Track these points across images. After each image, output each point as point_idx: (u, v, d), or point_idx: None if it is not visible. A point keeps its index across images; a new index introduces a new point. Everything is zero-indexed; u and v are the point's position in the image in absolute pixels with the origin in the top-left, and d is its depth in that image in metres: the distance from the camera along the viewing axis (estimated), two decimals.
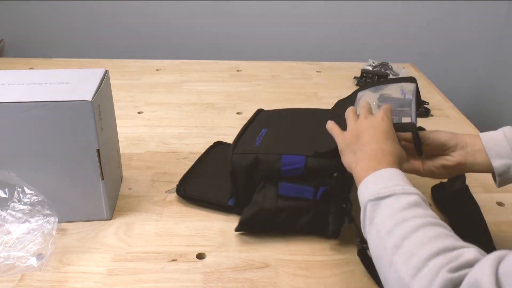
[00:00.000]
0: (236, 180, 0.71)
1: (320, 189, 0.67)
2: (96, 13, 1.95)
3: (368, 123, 0.62)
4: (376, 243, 0.49)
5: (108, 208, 0.72)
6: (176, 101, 1.18)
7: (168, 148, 0.95)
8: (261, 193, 0.69)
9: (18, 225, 0.63)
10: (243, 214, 0.70)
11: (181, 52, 2.00)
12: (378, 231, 0.49)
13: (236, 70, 1.41)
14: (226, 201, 0.74)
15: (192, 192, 0.78)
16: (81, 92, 0.65)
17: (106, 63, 1.43)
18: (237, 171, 0.70)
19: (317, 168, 0.67)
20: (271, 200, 0.68)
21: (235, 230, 0.70)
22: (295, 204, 0.68)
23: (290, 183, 0.68)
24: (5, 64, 1.42)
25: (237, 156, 0.70)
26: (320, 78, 1.38)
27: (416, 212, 0.48)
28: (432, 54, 2.03)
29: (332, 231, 0.68)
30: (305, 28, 2.00)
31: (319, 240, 0.70)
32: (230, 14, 1.96)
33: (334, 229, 0.68)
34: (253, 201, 0.70)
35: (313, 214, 0.68)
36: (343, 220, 0.67)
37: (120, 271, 0.64)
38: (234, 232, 0.71)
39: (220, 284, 0.62)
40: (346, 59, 1.63)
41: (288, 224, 0.69)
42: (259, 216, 0.69)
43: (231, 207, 0.74)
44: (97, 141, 0.66)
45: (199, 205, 0.77)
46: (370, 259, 0.64)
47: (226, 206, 0.74)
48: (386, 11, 1.96)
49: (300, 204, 0.68)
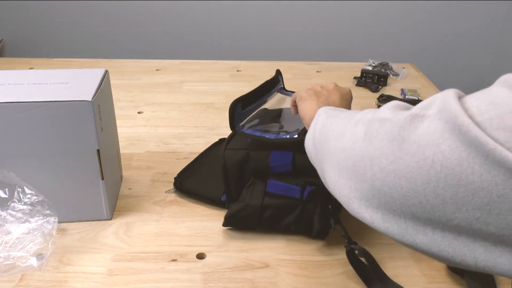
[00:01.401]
0: (227, 176, 0.72)
1: (307, 188, 0.68)
2: (96, 13, 1.95)
3: (338, 89, 0.69)
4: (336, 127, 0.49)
5: (108, 208, 0.72)
6: (176, 101, 1.18)
7: (168, 148, 0.95)
8: (249, 189, 0.70)
9: (18, 225, 0.64)
10: (229, 209, 0.71)
11: (181, 52, 2.00)
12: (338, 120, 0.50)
13: (236, 70, 1.41)
14: (220, 197, 0.76)
15: (188, 186, 0.79)
16: (81, 92, 0.65)
17: (106, 63, 1.43)
18: (228, 166, 0.71)
19: (305, 165, 0.67)
20: (258, 197, 0.69)
21: (222, 225, 0.71)
22: (281, 202, 0.69)
23: (279, 181, 0.69)
24: (5, 64, 1.42)
25: (229, 152, 0.71)
26: (320, 78, 1.38)
27: None
28: (432, 54, 2.04)
29: (317, 231, 0.68)
30: (305, 28, 2.00)
31: (319, 240, 0.70)
32: (230, 14, 1.96)
33: (318, 229, 0.68)
34: (241, 197, 0.71)
35: (299, 213, 0.69)
36: (328, 222, 0.68)
37: (120, 271, 0.64)
38: (234, 232, 0.71)
39: (220, 284, 0.62)
40: (346, 59, 1.63)
41: (274, 221, 0.70)
42: (244, 212, 0.69)
43: (223, 202, 0.75)
44: (97, 141, 0.66)
45: (195, 199, 0.78)
46: (360, 260, 0.64)
47: (218, 201, 0.76)
48: (386, 11, 1.96)
49: (286, 203, 0.69)
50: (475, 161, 0.30)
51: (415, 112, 0.35)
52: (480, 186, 0.29)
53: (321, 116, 0.55)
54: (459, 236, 0.32)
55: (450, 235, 0.32)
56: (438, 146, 0.32)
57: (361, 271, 0.63)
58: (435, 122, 0.33)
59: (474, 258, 0.32)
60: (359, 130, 0.41)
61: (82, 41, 2.00)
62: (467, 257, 0.32)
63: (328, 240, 0.70)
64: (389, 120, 0.37)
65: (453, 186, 0.31)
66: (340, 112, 0.53)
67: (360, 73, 1.33)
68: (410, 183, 0.33)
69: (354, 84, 1.32)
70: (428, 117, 0.34)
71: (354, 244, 0.64)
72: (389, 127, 0.37)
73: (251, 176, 0.71)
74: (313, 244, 0.70)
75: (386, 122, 0.38)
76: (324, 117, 0.54)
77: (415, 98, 1.19)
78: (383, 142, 0.37)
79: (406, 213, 0.35)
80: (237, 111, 0.74)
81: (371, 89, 1.27)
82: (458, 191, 0.31)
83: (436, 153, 0.32)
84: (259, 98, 0.82)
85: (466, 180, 0.30)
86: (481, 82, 2.06)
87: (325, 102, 0.64)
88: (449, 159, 0.31)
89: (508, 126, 0.29)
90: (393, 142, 0.35)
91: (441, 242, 0.33)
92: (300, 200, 0.68)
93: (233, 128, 0.73)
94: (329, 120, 0.52)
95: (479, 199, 0.30)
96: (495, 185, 0.29)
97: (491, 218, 0.30)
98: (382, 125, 0.38)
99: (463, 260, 0.32)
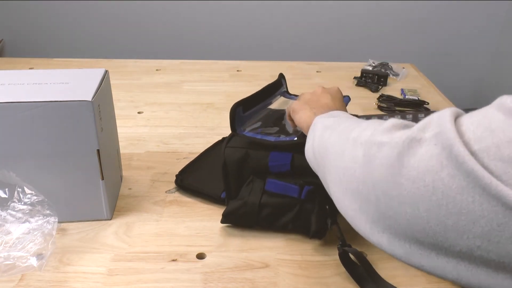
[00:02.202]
0: (227, 173, 0.72)
1: (305, 188, 0.68)
2: (96, 13, 1.95)
3: (326, 90, 0.70)
4: (335, 140, 0.49)
5: (108, 208, 0.72)
6: (176, 101, 1.18)
7: (168, 148, 0.95)
8: (248, 187, 0.70)
9: (18, 225, 0.64)
10: (228, 207, 0.71)
11: (181, 52, 2.00)
12: (336, 132, 0.50)
13: (236, 70, 1.41)
14: (220, 194, 0.76)
15: (189, 183, 0.80)
16: (81, 92, 0.65)
17: (106, 63, 1.43)
18: (228, 164, 0.72)
19: (303, 166, 0.67)
20: (256, 195, 0.69)
21: (221, 222, 0.71)
22: (279, 201, 0.69)
23: (278, 179, 0.69)
24: (5, 64, 1.42)
25: (229, 150, 0.72)
26: (320, 78, 1.38)
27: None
28: (432, 54, 2.04)
29: (314, 231, 0.68)
30: (305, 28, 2.00)
31: (319, 240, 0.70)
32: (230, 14, 1.96)
33: (316, 229, 0.68)
34: (240, 195, 0.71)
35: (296, 212, 0.69)
36: (326, 221, 0.68)
37: (120, 271, 0.64)
38: (234, 232, 0.71)
39: (220, 284, 0.62)
40: (346, 59, 1.63)
41: (271, 220, 0.70)
42: (243, 210, 0.69)
43: (223, 199, 0.76)
44: (97, 141, 0.66)
45: (195, 197, 0.79)
46: (352, 261, 0.64)
47: (218, 198, 0.76)
48: (386, 11, 1.96)
49: (284, 201, 0.69)
50: (474, 190, 0.30)
51: (412, 135, 0.35)
52: (481, 215, 0.29)
53: (318, 126, 0.56)
54: (462, 262, 0.32)
55: (453, 260, 0.33)
56: (437, 173, 0.31)
57: (354, 272, 0.63)
58: (432, 148, 0.32)
59: (478, 282, 0.32)
60: (358, 151, 0.41)
61: (82, 41, 2.00)
62: (471, 281, 0.32)
63: (328, 240, 0.70)
64: (386, 144, 0.37)
65: (454, 214, 0.31)
66: (337, 122, 0.53)
67: (360, 73, 1.33)
68: (413, 209, 0.33)
69: (354, 84, 1.32)
70: (425, 141, 0.33)
71: (348, 247, 0.65)
72: (387, 151, 0.37)
73: (250, 174, 0.71)
74: (313, 244, 0.70)
75: (384, 146, 0.37)
76: (320, 127, 0.55)
77: (415, 98, 1.19)
78: (383, 167, 0.37)
79: (410, 238, 0.35)
80: (237, 114, 0.74)
81: (371, 89, 1.27)
82: (459, 219, 0.31)
83: (435, 180, 0.32)
84: (261, 101, 0.83)
85: (467, 208, 0.30)
86: (481, 82, 2.06)
87: (317, 106, 0.65)
88: (450, 187, 0.31)
89: (505, 156, 0.29)
90: (393, 167, 0.35)
91: (446, 266, 0.33)
92: (298, 200, 0.68)
93: (234, 131, 0.74)
94: (327, 132, 0.52)
95: (479, 227, 0.30)
96: (495, 214, 0.29)
97: (491, 246, 0.30)
98: (380, 149, 0.38)
99: (469, 283, 0.33)
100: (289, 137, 0.72)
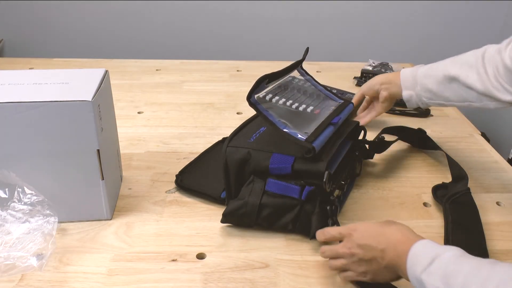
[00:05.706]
0: (228, 173, 0.72)
1: (306, 188, 0.68)
2: (96, 13, 1.95)
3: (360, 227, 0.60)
4: None
5: (108, 208, 0.72)
6: (176, 101, 1.18)
7: (168, 148, 0.95)
8: (249, 187, 0.70)
9: (18, 225, 0.64)
10: (228, 206, 0.71)
11: (181, 52, 2.00)
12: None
13: (236, 70, 1.41)
14: (220, 194, 0.76)
15: (189, 183, 0.80)
16: (81, 92, 0.65)
17: (106, 63, 1.43)
18: (229, 164, 0.71)
19: (304, 170, 0.67)
20: (257, 195, 0.69)
21: (221, 221, 0.71)
22: (280, 201, 0.69)
23: (278, 180, 0.69)
24: (5, 64, 1.42)
25: (230, 149, 0.71)
26: (320, 78, 1.37)
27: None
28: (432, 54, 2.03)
29: (314, 232, 0.68)
30: (305, 28, 2.00)
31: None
32: (230, 14, 1.96)
33: (316, 230, 0.68)
34: (240, 195, 0.71)
35: (297, 213, 0.69)
36: (326, 222, 0.68)
37: (120, 271, 0.64)
38: (234, 232, 0.71)
39: (220, 284, 0.62)
40: (346, 59, 1.63)
41: (271, 220, 0.70)
42: (243, 210, 0.69)
43: (223, 199, 0.75)
44: (97, 141, 0.66)
45: (195, 197, 0.79)
46: None
47: (218, 198, 0.76)
48: (386, 11, 1.96)
49: (284, 202, 0.69)
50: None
51: None
52: None
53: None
54: None
55: None
56: None
57: None
58: None
59: None
60: None
61: (82, 41, 1.99)
62: None
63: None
64: None
65: None
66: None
67: (360, 73, 1.33)
68: None
69: (354, 84, 1.32)
70: None
71: None
72: None
73: (251, 174, 0.71)
74: (313, 244, 0.70)
75: None
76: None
77: None
78: None
79: None
80: (261, 86, 0.72)
81: None
82: None
83: None
84: (285, 76, 0.84)
85: None
86: None
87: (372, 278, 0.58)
88: None
89: None
90: None
91: None
92: (298, 200, 0.68)
93: (249, 99, 0.70)
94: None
95: None
96: None
97: None
98: None
99: None
100: (299, 134, 0.69)
